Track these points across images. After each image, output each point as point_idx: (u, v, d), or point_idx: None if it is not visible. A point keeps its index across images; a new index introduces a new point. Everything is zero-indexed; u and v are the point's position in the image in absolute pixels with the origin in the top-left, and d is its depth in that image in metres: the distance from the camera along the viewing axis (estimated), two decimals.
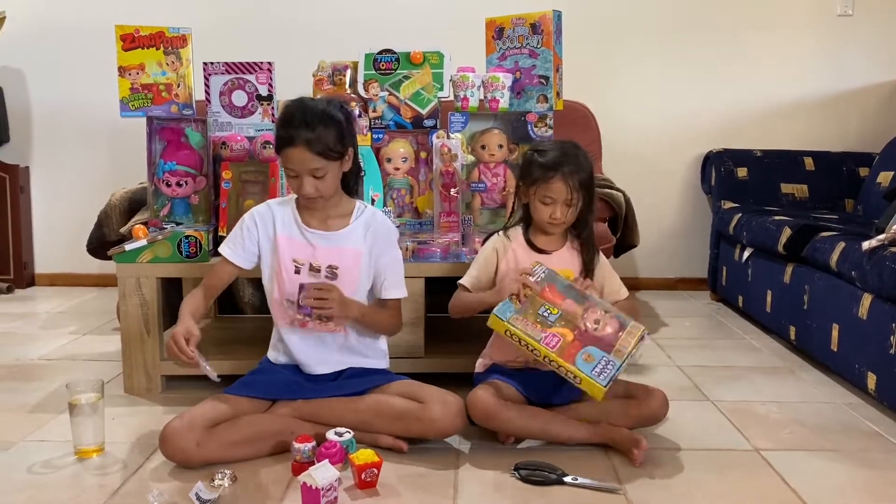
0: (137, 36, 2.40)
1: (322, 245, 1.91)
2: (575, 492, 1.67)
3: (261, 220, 1.95)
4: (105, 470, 1.77)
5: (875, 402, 2.21)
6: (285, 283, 1.90)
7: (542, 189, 1.94)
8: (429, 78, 2.52)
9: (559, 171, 1.92)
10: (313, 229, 1.92)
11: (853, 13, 3.68)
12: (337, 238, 1.92)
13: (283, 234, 1.93)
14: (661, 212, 3.81)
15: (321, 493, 1.55)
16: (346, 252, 1.92)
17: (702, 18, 3.70)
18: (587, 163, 1.97)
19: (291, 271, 1.90)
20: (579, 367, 1.78)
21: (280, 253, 1.91)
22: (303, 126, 1.78)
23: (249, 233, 1.94)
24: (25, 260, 3.84)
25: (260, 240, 1.94)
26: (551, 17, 2.47)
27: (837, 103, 3.75)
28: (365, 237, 1.94)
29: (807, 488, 1.69)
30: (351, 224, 1.94)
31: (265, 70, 2.46)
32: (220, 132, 2.47)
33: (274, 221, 1.94)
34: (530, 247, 2.03)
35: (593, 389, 1.77)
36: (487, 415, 1.85)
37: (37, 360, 2.64)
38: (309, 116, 1.80)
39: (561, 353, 1.80)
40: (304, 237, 1.92)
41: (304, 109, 1.81)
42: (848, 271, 2.29)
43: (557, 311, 1.86)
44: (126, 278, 2.24)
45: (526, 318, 1.85)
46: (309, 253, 1.91)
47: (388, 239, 1.97)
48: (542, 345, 1.81)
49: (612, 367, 1.78)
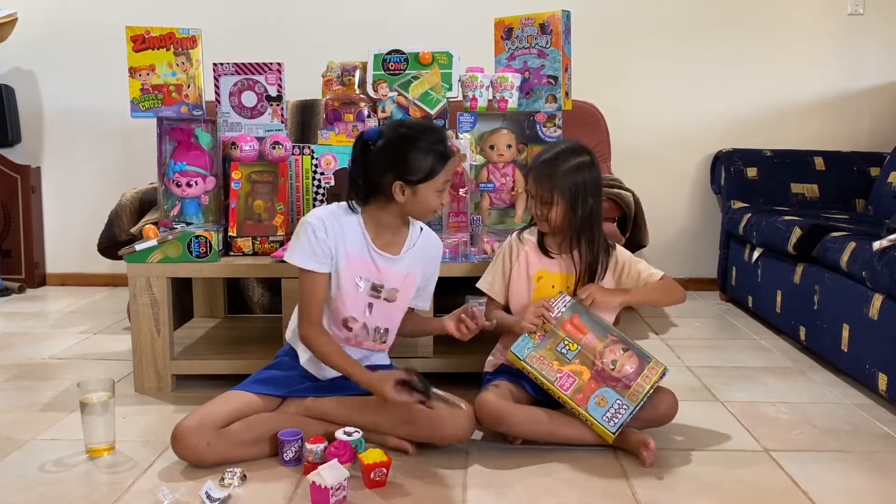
0: (148, 37, 2.41)
1: (387, 267, 1.91)
2: (584, 489, 1.67)
3: (330, 228, 1.86)
4: (116, 468, 1.78)
5: (886, 402, 2.20)
6: (345, 297, 1.88)
7: (528, 185, 2.02)
8: (437, 78, 2.52)
9: (531, 170, 2.00)
10: (380, 250, 1.90)
11: (864, 12, 3.66)
12: (399, 262, 1.92)
13: (353, 248, 1.88)
14: (671, 212, 3.80)
15: (330, 492, 1.55)
16: (408, 277, 1.94)
17: (710, 18, 3.69)
18: (569, 161, 1.94)
19: (354, 287, 1.88)
20: (591, 412, 1.82)
21: (348, 267, 1.87)
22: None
23: (322, 241, 1.84)
24: (37, 260, 3.86)
25: (331, 247, 1.86)
26: (560, 16, 2.46)
27: (848, 103, 3.73)
28: (420, 259, 1.96)
29: (817, 490, 1.69)
30: (412, 246, 1.95)
31: (275, 71, 2.47)
32: (229, 133, 2.48)
33: (343, 233, 1.87)
34: (541, 249, 2.03)
35: (604, 434, 1.81)
36: (496, 418, 1.85)
37: (48, 360, 2.65)
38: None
39: (575, 395, 1.83)
40: (370, 256, 1.90)
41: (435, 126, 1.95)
42: (859, 271, 2.27)
43: (577, 346, 1.88)
44: (136, 278, 2.25)
45: (543, 355, 1.87)
46: (374, 273, 1.90)
47: (435, 259, 2.02)
48: (557, 386, 1.84)
49: (625, 412, 1.81)
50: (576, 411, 1.83)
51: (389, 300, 1.91)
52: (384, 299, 1.91)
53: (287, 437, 1.77)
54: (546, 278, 2.01)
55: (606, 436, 1.81)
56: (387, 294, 1.91)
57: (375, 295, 1.90)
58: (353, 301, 1.88)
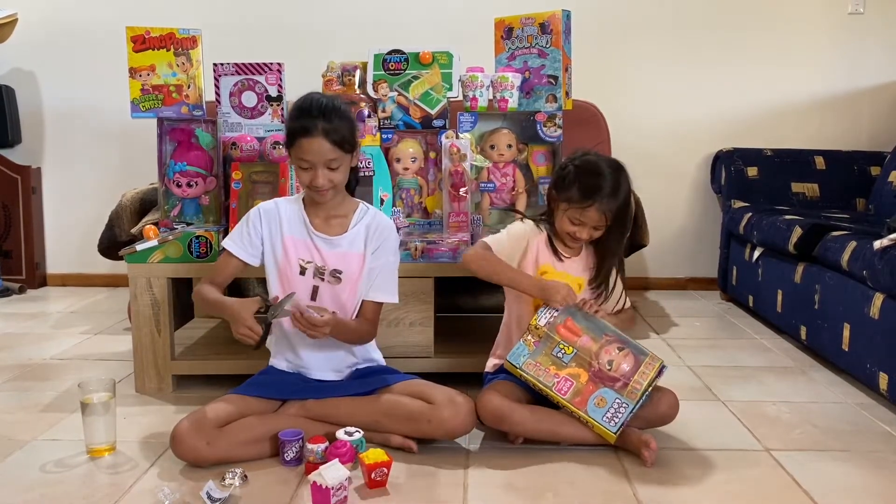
0: (148, 37, 2.41)
1: (327, 249, 1.92)
2: (585, 489, 1.67)
3: (266, 216, 1.93)
4: (116, 469, 1.78)
5: (887, 402, 2.20)
6: (290, 282, 1.90)
7: (576, 212, 1.92)
8: (438, 78, 2.52)
9: (596, 200, 1.88)
10: (320, 232, 1.92)
11: (864, 11, 3.66)
12: (342, 242, 1.92)
13: (290, 234, 1.92)
14: (671, 211, 3.79)
15: (331, 492, 1.55)
16: (351, 257, 1.92)
17: (710, 18, 3.69)
18: (626, 187, 1.92)
19: (297, 272, 1.91)
20: (591, 414, 1.81)
21: (287, 253, 1.91)
22: (320, 117, 1.80)
23: (254, 228, 1.93)
24: (37, 260, 3.86)
25: (264, 236, 1.93)
26: (560, 16, 2.46)
27: (848, 102, 3.73)
28: (367, 240, 1.94)
29: (818, 489, 1.69)
30: (355, 227, 1.94)
31: (275, 71, 2.47)
32: (230, 133, 2.48)
33: (280, 220, 1.93)
34: (551, 248, 2.02)
35: (605, 434, 1.80)
36: (497, 417, 1.86)
37: (49, 360, 2.65)
38: (325, 108, 1.81)
39: (573, 399, 1.83)
40: (310, 239, 1.92)
41: (319, 102, 1.83)
42: (859, 271, 2.27)
43: (572, 350, 1.88)
44: (137, 278, 2.26)
45: (539, 361, 1.87)
46: (315, 256, 1.92)
47: (387, 241, 1.95)
48: (555, 391, 1.84)
49: (625, 410, 1.80)
50: (576, 415, 1.83)
51: (333, 282, 1.91)
52: (328, 282, 1.90)
53: (288, 438, 1.77)
54: (550, 274, 2.00)
55: (608, 436, 1.81)
56: (330, 276, 1.91)
57: (320, 277, 1.90)
58: (299, 285, 1.89)
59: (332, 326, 1.80)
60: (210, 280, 1.93)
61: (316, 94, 1.89)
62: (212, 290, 1.89)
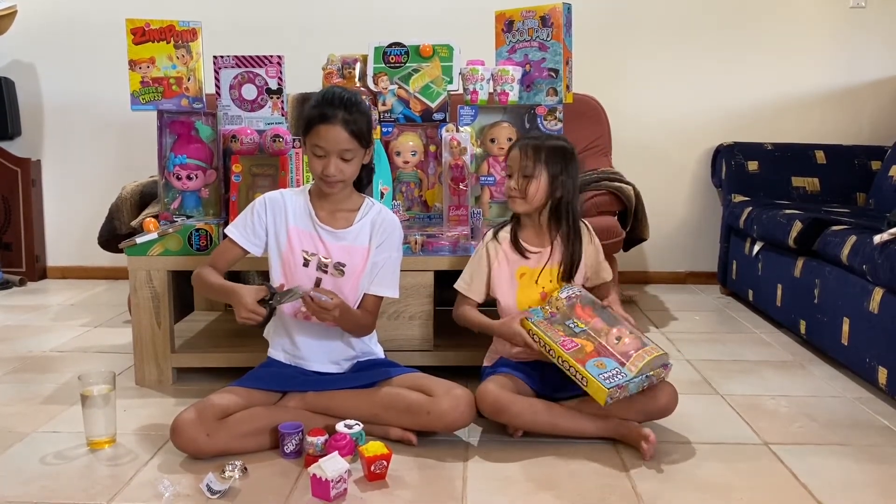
0: (148, 30, 2.41)
1: (332, 242, 1.92)
2: (584, 482, 1.67)
3: (271, 206, 1.94)
4: (116, 461, 1.79)
5: (886, 396, 2.20)
6: (293, 273, 1.91)
7: (509, 160, 2.03)
8: (438, 71, 2.52)
9: (518, 142, 2.03)
10: (325, 225, 1.92)
11: (865, 5, 3.65)
12: (347, 236, 1.92)
13: (295, 225, 1.93)
14: (672, 205, 3.79)
15: (331, 484, 1.55)
16: (355, 251, 1.92)
17: (712, 11, 3.68)
18: (560, 144, 2.00)
19: (300, 263, 1.91)
20: (588, 369, 1.81)
21: (291, 243, 1.92)
22: (342, 107, 1.82)
23: (259, 218, 1.93)
24: (37, 253, 3.86)
25: (268, 226, 1.93)
26: (561, 9, 2.46)
27: (849, 96, 3.72)
28: (371, 235, 1.94)
29: (816, 483, 1.69)
30: (360, 221, 1.94)
31: (275, 63, 2.46)
32: (230, 126, 2.47)
33: (286, 211, 1.93)
34: (516, 248, 2.03)
35: (597, 393, 1.79)
36: (497, 408, 1.86)
37: (49, 352, 2.66)
38: (347, 101, 1.83)
39: (575, 356, 1.83)
40: (315, 231, 1.92)
41: (342, 94, 1.85)
42: (859, 265, 2.27)
43: (584, 325, 1.91)
44: (137, 271, 2.26)
45: (552, 325, 1.90)
46: (319, 247, 1.92)
47: (391, 236, 1.96)
48: (560, 346, 1.85)
49: (621, 377, 1.80)
50: (574, 368, 1.81)
51: (336, 275, 1.91)
52: (331, 274, 1.91)
53: (288, 430, 1.78)
54: (529, 274, 2.02)
55: (601, 393, 1.77)
56: (333, 268, 1.91)
57: (323, 269, 1.91)
58: (302, 276, 1.89)
59: (341, 311, 1.81)
60: (211, 264, 1.94)
61: (338, 87, 1.92)
62: (215, 274, 1.90)
